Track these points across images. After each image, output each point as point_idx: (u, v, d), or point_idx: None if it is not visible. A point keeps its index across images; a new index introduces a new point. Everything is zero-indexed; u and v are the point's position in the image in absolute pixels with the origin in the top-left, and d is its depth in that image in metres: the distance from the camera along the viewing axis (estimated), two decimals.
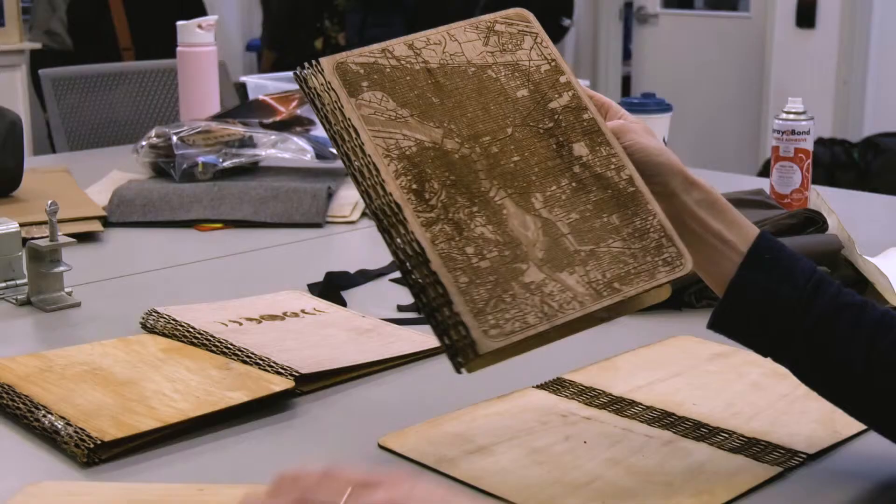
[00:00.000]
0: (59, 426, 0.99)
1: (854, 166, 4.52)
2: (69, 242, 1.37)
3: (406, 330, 1.27)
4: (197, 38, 2.29)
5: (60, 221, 1.38)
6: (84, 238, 1.63)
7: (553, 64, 0.99)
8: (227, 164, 1.97)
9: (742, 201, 1.59)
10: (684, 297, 1.35)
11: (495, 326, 0.84)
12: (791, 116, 1.75)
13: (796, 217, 1.47)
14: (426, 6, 4.63)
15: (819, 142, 4.42)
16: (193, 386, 1.08)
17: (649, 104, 1.87)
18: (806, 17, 4.95)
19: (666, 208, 0.94)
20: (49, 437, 0.99)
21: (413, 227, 0.87)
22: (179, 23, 2.30)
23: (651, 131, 0.99)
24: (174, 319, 1.26)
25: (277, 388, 1.07)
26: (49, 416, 1.01)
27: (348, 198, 1.91)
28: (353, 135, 0.91)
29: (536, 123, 0.96)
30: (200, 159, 1.96)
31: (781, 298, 0.89)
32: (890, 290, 1.33)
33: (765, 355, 0.92)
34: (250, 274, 1.56)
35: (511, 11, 1.01)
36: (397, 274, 1.45)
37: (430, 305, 0.86)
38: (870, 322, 0.89)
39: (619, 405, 1.06)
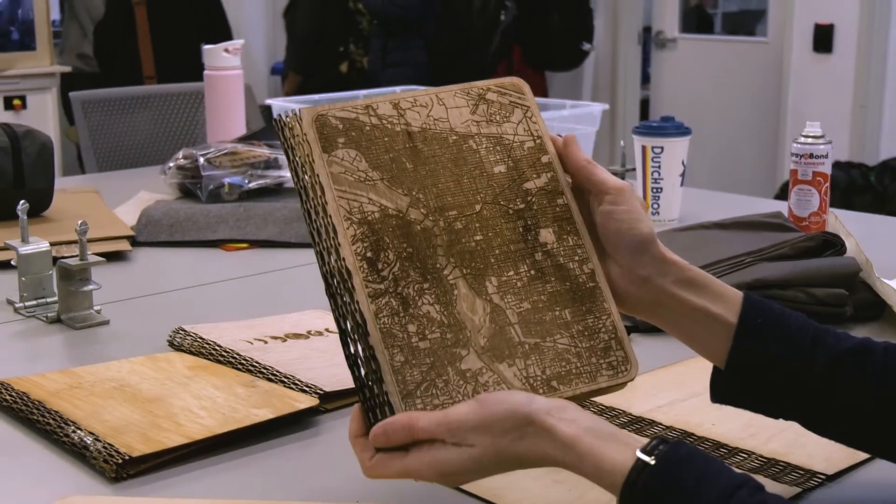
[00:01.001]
0: (89, 442, 0.99)
1: (871, 189, 4.50)
2: (98, 261, 1.38)
3: None
4: (223, 61, 2.30)
5: (90, 241, 1.39)
6: (113, 257, 1.64)
7: (538, 142, 0.94)
8: (252, 185, 1.98)
9: (760, 224, 1.59)
10: None
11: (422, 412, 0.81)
12: (809, 140, 1.75)
13: (814, 240, 1.46)
14: (447, 30, 4.64)
15: (836, 165, 4.40)
16: (220, 403, 1.09)
17: (668, 128, 1.88)
18: (823, 41, 4.95)
19: (643, 294, 0.89)
20: (78, 453, 0.99)
21: (359, 297, 0.84)
22: (206, 46, 2.32)
23: (645, 209, 0.93)
24: (201, 337, 1.27)
25: (302, 406, 1.07)
26: (78, 431, 1.01)
27: None
28: (319, 192, 0.88)
29: (507, 203, 0.92)
30: (226, 180, 1.97)
31: (782, 362, 0.86)
32: None
33: (776, 417, 0.90)
34: (275, 293, 1.57)
35: (507, 80, 0.97)
36: None
37: (361, 380, 0.85)
38: (873, 362, 0.87)
39: (639, 425, 1.06)
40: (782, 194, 4.18)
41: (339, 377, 1.14)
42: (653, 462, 0.73)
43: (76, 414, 1.06)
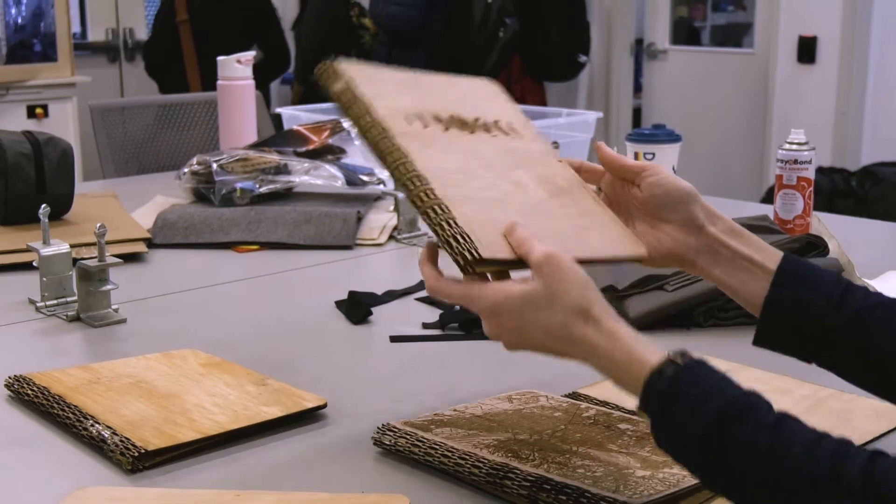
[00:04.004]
0: (106, 435, 0.99)
1: (853, 194, 4.49)
2: (116, 263, 1.38)
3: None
4: (236, 72, 2.30)
5: (108, 243, 1.39)
6: (130, 259, 1.64)
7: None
8: (263, 189, 1.98)
9: (748, 226, 1.57)
10: (693, 316, 1.35)
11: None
12: (794, 147, 1.74)
13: (799, 241, 1.46)
14: (446, 43, 4.65)
15: (819, 170, 4.39)
16: (231, 400, 1.08)
17: (659, 135, 1.87)
18: (807, 52, 4.94)
19: (697, 241, 0.95)
20: (96, 446, 0.99)
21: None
22: (220, 58, 2.31)
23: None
24: None
25: (310, 405, 1.07)
26: (97, 425, 1.01)
27: (377, 221, 1.91)
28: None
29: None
30: (238, 185, 1.97)
31: (815, 307, 0.89)
32: None
33: (809, 362, 0.92)
34: (285, 292, 1.57)
35: None
36: (423, 293, 1.45)
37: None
38: None
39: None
40: (768, 198, 4.17)
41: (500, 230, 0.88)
42: (681, 361, 0.78)
43: (94, 408, 1.05)
